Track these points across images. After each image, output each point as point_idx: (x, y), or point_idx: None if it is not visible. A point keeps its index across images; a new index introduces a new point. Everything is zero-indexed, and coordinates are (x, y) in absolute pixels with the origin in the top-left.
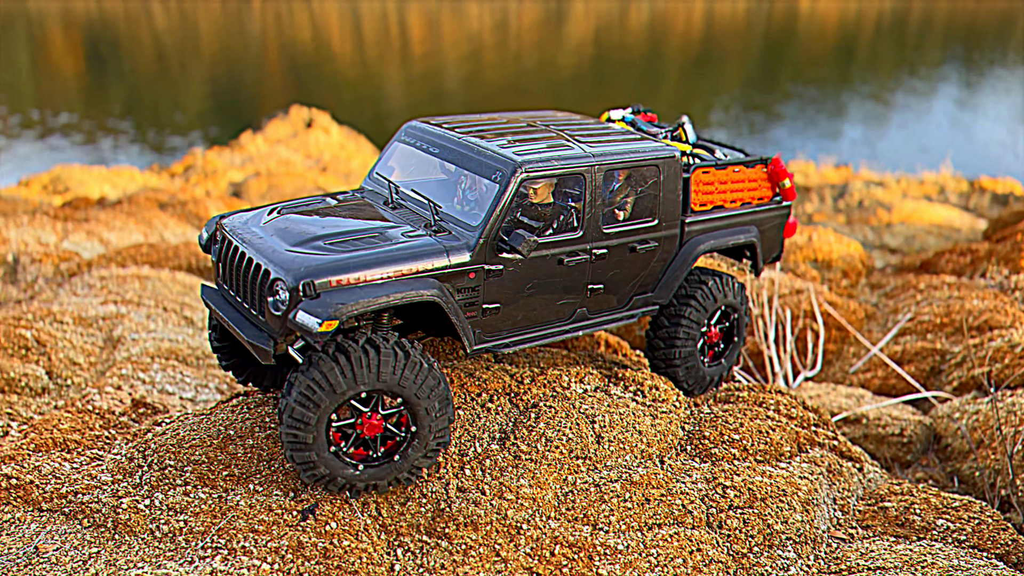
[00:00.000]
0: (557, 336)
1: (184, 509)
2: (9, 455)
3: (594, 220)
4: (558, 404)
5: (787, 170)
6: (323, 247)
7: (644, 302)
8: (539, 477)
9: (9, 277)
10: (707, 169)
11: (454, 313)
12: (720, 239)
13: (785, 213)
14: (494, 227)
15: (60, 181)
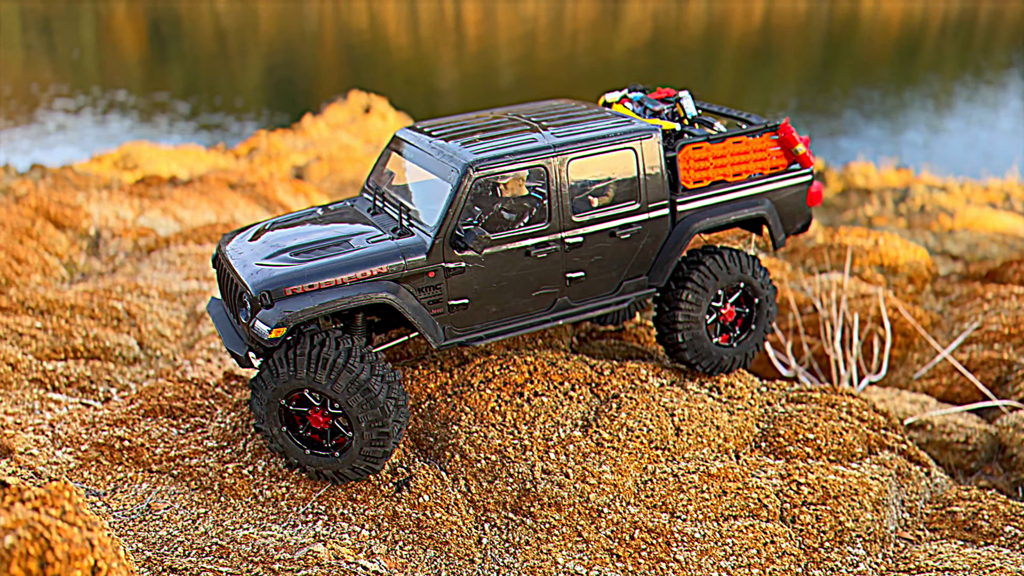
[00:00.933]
0: (537, 326)
1: (286, 476)
2: (121, 419)
3: (562, 210)
4: (638, 396)
5: (798, 136)
6: (288, 259)
7: (637, 286)
8: (620, 464)
9: (91, 250)
10: (698, 145)
11: (411, 313)
12: (718, 216)
13: (805, 181)
14: (448, 226)
15: (130, 158)
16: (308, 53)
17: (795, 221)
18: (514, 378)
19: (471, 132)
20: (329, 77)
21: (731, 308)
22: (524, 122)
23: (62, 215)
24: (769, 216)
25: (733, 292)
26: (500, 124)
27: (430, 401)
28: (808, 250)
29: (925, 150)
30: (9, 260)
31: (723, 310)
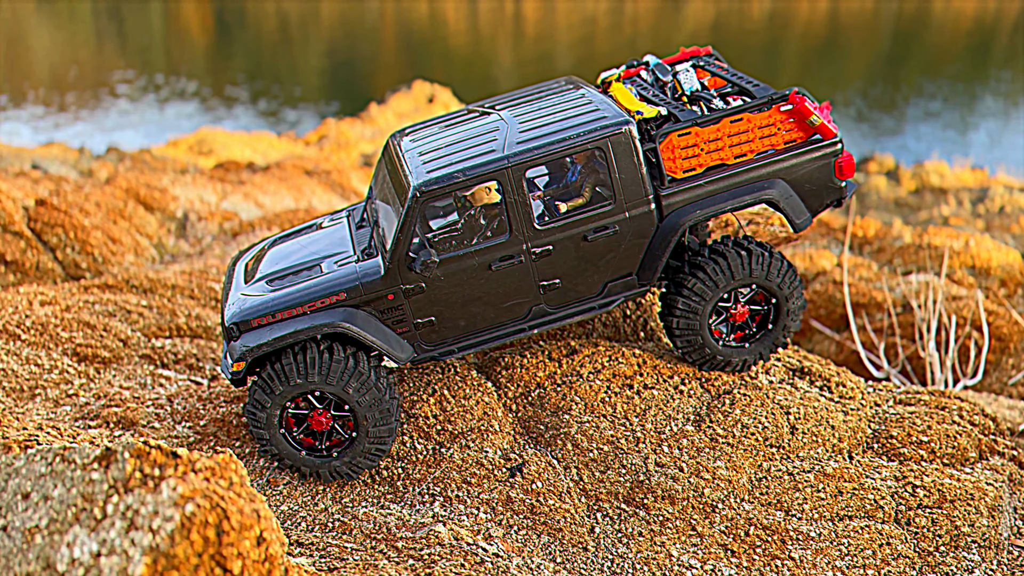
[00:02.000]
0: (515, 335)
1: (402, 457)
2: (238, 396)
3: (523, 220)
4: (751, 393)
5: (812, 105)
6: (263, 287)
7: (624, 287)
8: (735, 461)
9: (179, 232)
10: (685, 130)
11: (368, 336)
12: (712, 207)
13: (831, 152)
14: (399, 250)
15: (205, 143)
16: (368, 44)
17: (822, 197)
18: (623, 370)
19: (439, 141)
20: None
21: (744, 308)
22: (492, 127)
23: (151, 197)
24: (781, 199)
25: (746, 292)
26: (471, 129)
27: (539, 390)
28: (895, 249)
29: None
30: (105, 240)
31: (734, 310)
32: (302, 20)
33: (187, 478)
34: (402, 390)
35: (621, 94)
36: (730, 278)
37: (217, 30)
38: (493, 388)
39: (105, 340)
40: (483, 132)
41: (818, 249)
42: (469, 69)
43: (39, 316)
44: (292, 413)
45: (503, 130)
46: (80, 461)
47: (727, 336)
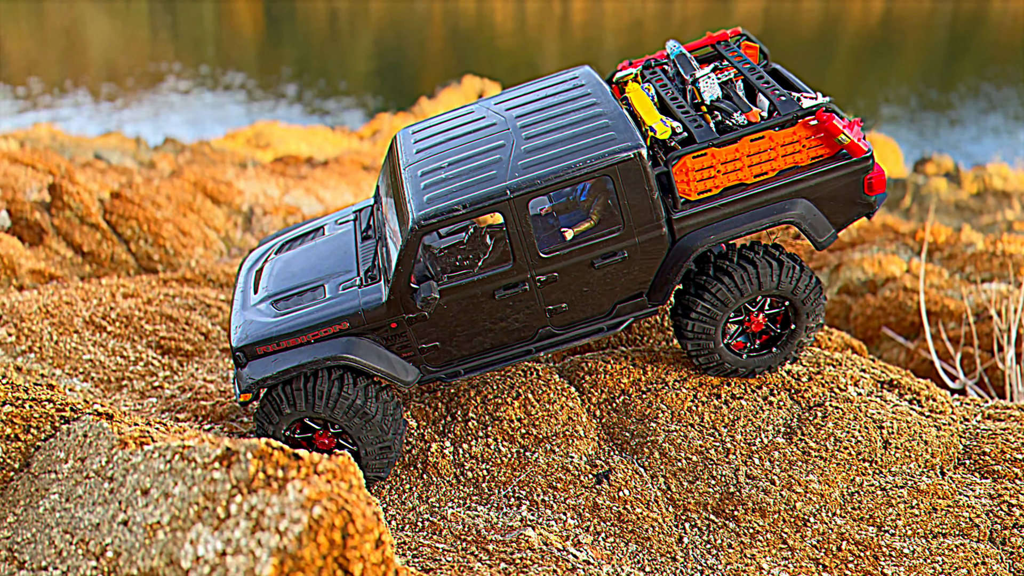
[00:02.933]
0: (522, 357)
1: (487, 459)
2: None
3: (526, 249)
4: (843, 406)
5: (841, 123)
6: (268, 307)
7: (635, 307)
8: (828, 475)
9: (246, 226)
10: (701, 152)
11: (370, 364)
12: (727, 230)
13: (860, 168)
14: (399, 282)
15: (262, 136)
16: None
17: (849, 213)
18: (710, 379)
19: (442, 156)
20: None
21: (761, 318)
22: (498, 140)
23: (218, 191)
24: (802, 220)
25: (765, 302)
26: (476, 141)
27: (624, 396)
28: (967, 257)
29: None
30: (176, 232)
31: (750, 319)
32: (351, 17)
33: (311, 480)
34: (485, 392)
35: (637, 98)
36: (757, 287)
37: (267, 25)
38: (577, 393)
39: (187, 333)
40: (487, 148)
41: (887, 254)
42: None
43: (123, 309)
44: (297, 436)
45: (507, 146)
46: (201, 460)
47: (750, 346)
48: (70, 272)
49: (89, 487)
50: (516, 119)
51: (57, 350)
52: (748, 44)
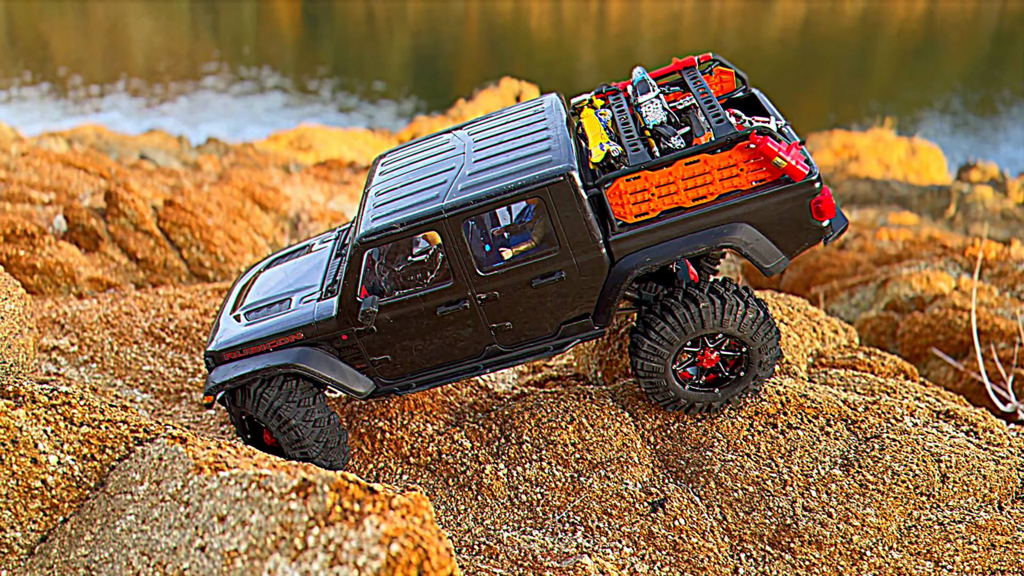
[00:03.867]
0: (470, 373)
1: (541, 483)
2: (381, 412)
3: (464, 267)
4: (900, 438)
5: (777, 146)
6: (241, 317)
7: (580, 328)
8: (885, 508)
9: (292, 232)
10: (634, 175)
11: (323, 373)
12: (664, 254)
13: (803, 193)
14: (345, 296)
15: (304, 138)
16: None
17: (799, 239)
18: (765, 407)
19: (400, 178)
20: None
21: (713, 355)
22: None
23: (265, 197)
24: (743, 244)
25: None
26: (434, 164)
27: (679, 423)
28: (1017, 275)
29: None
30: (227, 239)
31: (702, 355)
32: (388, 17)
33: (387, 516)
34: (539, 415)
35: (589, 124)
36: (700, 326)
37: (305, 25)
38: (631, 419)
39: None
40: (440, 171)
41: (935, 271)
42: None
43: (181, 320)
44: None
45: (456, 169)
46: (277, 490)
47: (695, 379)
48: (124, 279)
49: (165, 510)
50: (473, 145)
51: (118, 361)
52: (723, 70)
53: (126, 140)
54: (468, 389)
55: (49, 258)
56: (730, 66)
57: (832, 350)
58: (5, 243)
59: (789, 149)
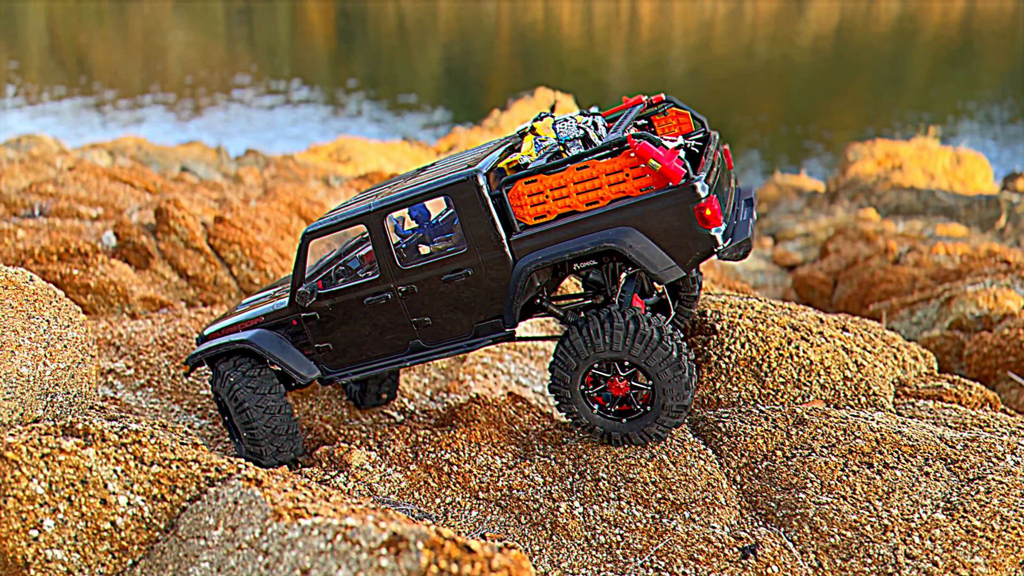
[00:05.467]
0: (396, 366)
1: (620, 523)
2: (447, 443)
3: (388, 260)
4: (1007, 479)
5: (656, 150)
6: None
7: (491, 328)
8: (995, 557)
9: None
10: (532, 178)
11: (274, 353)
12: (552, 253)
13: (683, 200)
14: (293, 282)
15: (344, 151)
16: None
17: (689, 248)
18: (860, 445)
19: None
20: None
21: (623, 382)
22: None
23: (311, 212)
24: (628, 248)
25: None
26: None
27: (767, 462)
28: None
29: None
30: (276, 256)
31: (612, 382)
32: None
33: None
34: (616, 450)
35: (526, 144)
36: (591, 349)
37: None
38: (714, 456)
39: None
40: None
41: (1001, 288)
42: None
43: None
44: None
45: (410, 183)
46: (366, 544)
47: (607, 406)
48: (175, 296)
49: (242, 559)
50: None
51: (175, 385)
52: (679, 111)
53: (166, 152)
54: (531, 416)
55: (102, 277)
56: (685, 108)
57: (914, 378)
58: (59, 262)
59: (669, 154)
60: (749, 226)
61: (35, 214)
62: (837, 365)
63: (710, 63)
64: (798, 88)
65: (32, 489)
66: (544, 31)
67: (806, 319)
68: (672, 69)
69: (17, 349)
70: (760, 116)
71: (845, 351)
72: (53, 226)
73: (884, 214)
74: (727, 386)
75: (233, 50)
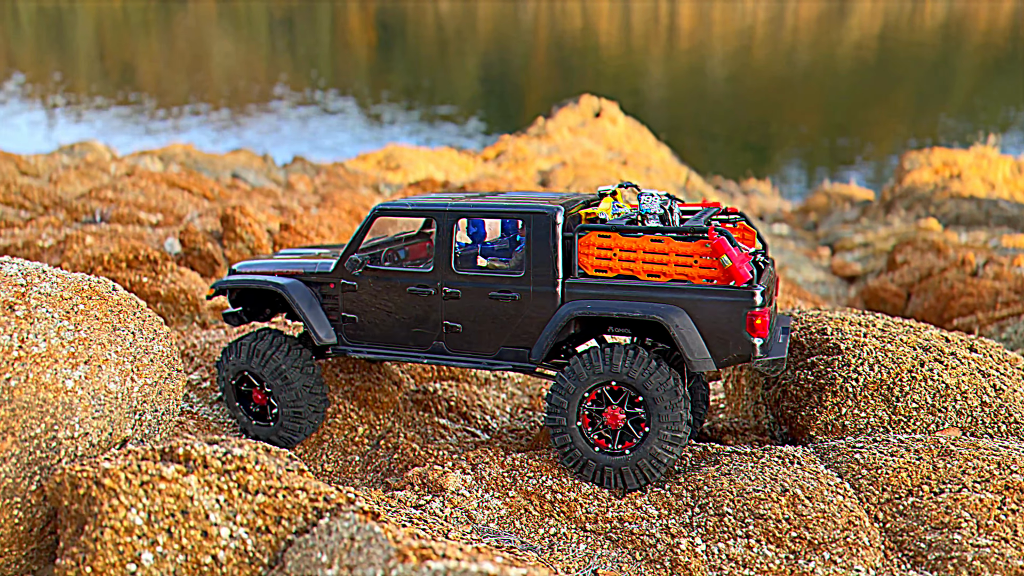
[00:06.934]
0: (413, 360)
1: (750, 564)
2: (547, 468)
3: (444, 260)
4: None
5: (732, 250)
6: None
7: (515, 356)
8: None
9: None
10: (606, 233)
11: (301, 306)
12: (600, 305)
13: (741, 303)
14: (349, 249)
15: (392, 158)
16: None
17: (728, 348)
18: (1017, 480)
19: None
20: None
21: (616, 411)
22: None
23: None
24: (672, 325)
25: (618, 393)
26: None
27: (913, 498)
28: None
29: None
30: None
31: (607, 412)
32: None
33: None
34: (741, 482)
35: (605, 203)
36: (591, 371)
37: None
38: (852, 490)
39: (381, 383)
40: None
41: None
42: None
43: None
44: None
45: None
46: None
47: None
48: None
49: None
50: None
51: None
52: (747, 228)
53: (214, 159)
54: None
55: (172, 284)
56: (754, 227)
57: None
58: (128, 269)
59: (742, 257)
60: (784, 348)
61: (97, 220)
62: (974, 389)
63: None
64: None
65: (130, 520)
66: (582, 35)
67: (932, 338)
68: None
69: (104, 364)
70: (800, 127)
71: (981, 374)
72: (116, 232)
73: (944, 224)
74: (853, 412)
75: (274, 59)
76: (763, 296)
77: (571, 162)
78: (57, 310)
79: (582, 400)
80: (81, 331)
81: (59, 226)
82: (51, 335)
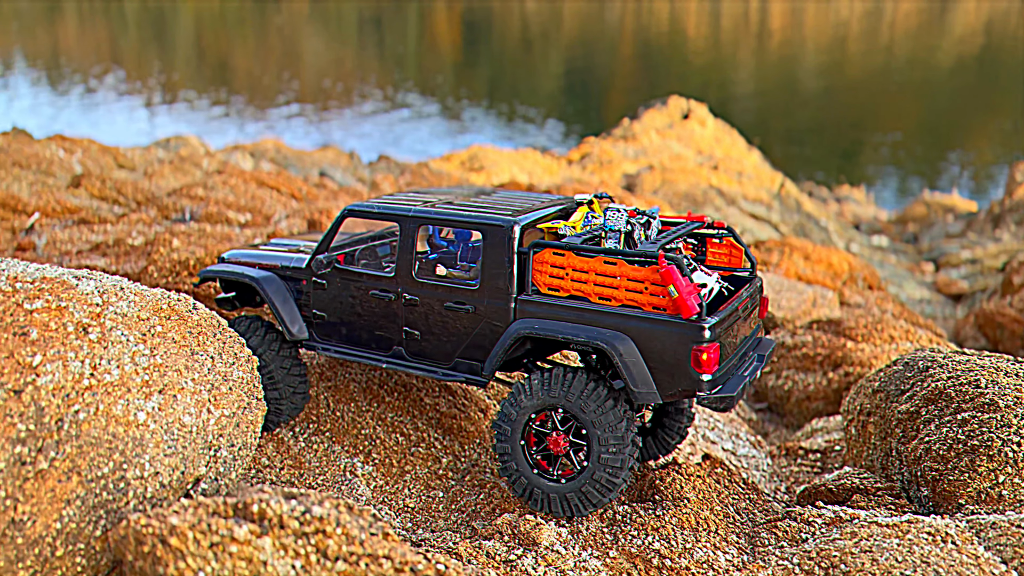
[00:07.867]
0: (373, 362)
1: None
2: (653, 526)
3: (405, 266)
4: None
5: (678, 279)
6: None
7: (469, 368)
8: None
9: None
10: (560, 251)
11: (274, 299)
12: (548, 329)
13: (687, 336)
14: (318, 250)
15: (476, 159)
16: (606, 51)
17: (674, 382)
18: None
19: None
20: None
21: (559, 437)
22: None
23: None
24: (616, 354)
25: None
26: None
27: None
28: None
29: None
30: None
31: (551, 437)
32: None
33: None
34: (885, 563)
35: (577, 215)
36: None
37: (464, 40)
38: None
39: (467, 410)
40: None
41: None
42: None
43: (400, 376)
44: None
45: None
46: None
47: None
48: None
49: None
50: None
51: (334, 421)
52: (734, 244)
53: (303, 156)
54: (738, 490)
55: None
56: (742, 244)
57: None
58: None
59: (690, 288)
60: (743, 383)
61: (186, 219)
62: None
63: (843, 71)
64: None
65: None
66: (668, 36)
67: None
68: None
69: (180, 393)
70: (896, 132)
71: None
72: (204, 232)
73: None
74: (1014, 480)
75: (363, 58)
76: (713, 330)
77: (659, 166)
78: (133, 332)
79: (526, 425)
80: (157, 356)
81: (149, 223)
82: (125, 361)
